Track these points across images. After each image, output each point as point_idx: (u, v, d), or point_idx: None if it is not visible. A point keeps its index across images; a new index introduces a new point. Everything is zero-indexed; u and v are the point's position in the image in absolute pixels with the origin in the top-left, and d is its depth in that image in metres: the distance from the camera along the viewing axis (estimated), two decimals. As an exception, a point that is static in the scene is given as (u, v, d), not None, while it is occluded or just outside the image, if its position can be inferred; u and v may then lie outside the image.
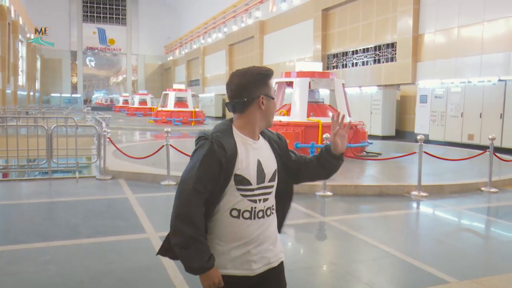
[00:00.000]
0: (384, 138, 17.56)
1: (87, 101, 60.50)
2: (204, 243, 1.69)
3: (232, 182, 1.73)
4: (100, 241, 4.68)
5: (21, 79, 40.34)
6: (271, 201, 1.86)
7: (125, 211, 6.02)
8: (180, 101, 26.02)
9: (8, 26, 30.47)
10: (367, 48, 20.81)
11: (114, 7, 63.22)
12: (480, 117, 13.98)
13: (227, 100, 1.85)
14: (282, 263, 1.91)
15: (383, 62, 19.80)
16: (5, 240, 4.75)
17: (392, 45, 19.17)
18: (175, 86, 28.21)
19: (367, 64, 20.89)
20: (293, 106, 11.30)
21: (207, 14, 43.37)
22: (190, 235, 1.65)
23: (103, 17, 62.93)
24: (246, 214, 1.76)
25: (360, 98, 18.98)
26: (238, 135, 1.78)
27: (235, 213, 1.75)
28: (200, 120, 25.30)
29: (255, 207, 1.77)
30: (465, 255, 4.52)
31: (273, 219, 1.88)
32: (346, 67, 22.40)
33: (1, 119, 13.28)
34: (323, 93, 15.18)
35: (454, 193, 7.43)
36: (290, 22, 27.64)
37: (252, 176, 1.76)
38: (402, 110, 18.72)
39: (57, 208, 6.30)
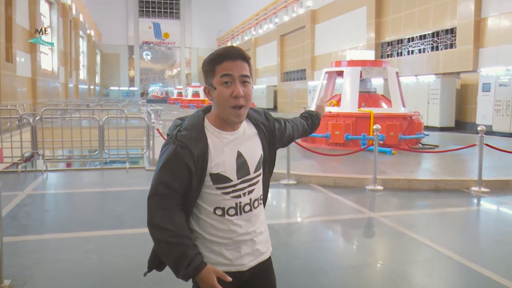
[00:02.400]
0: (442, 129, 16.65)
1: (143, 94, 62.61)
2: (183, 244, 1.52)
3: (208, 182, 1.57)
4: (142, 232, 4.64)
5: (82, 74, 42.43)
6: (258, 191, 1.69)
7: (170, 202, 6.05)
8: (231, 93, 26.16)
9: (69, 23, 32.09)
10: (424, 35, 19.76)
11: (168, 1, 64.75)
12: (551, 106, 12.84)
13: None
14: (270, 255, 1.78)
15: (441, 49, 18.72)
16: (54, 228, 4.91)
17: (452, 31, 18.05)
18: (227, 78, 28.35)
19: (424, 51, 19.86)
20: (343, 96, 10.96)
21: (258, 5, 43.23)
22: (164, 239, 1.52)
23: (158, 11, 64.65)
24: (231, 211, 1.61)
25: (416, 87, 18.09)
26: (210, 128, 1.58)
27: (219, 211, 1.60)
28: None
29: (240, 202, 1.61)
30: (531, 259, 4.08)
31: (261, 209, 1.72)
32: (401, 55, 21.45)
33: (62, 111, 14.10)
34: (376, 82, 14.62)
35: (519, 189, 6.83)
36: (342, 10, 26.88)
37: (230, 172, 1.58)
38: (463, 99, 17.63)
39: (106, 198, 6.45)
